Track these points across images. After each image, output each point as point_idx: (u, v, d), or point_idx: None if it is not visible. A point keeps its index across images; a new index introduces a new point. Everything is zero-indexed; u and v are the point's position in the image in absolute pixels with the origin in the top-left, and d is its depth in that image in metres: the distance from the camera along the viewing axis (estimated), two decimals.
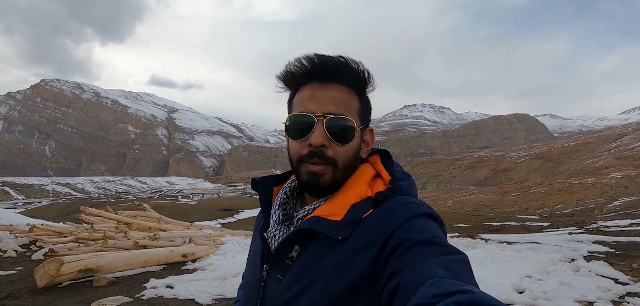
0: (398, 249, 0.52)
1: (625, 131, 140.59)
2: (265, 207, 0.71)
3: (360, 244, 0.56)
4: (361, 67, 0.65)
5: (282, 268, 0.61)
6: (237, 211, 36.34)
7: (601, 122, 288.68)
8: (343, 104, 0.64)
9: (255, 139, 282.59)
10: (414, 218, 0.56)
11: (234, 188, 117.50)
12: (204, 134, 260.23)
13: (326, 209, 0.61)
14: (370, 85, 0.68)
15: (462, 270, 0.48)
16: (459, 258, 0.50)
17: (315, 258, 0.58)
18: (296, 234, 0.61)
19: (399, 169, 0.67)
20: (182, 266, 5.80)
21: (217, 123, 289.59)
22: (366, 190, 0.62)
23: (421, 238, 0.53)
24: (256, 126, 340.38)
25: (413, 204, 0.59)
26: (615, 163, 74.57)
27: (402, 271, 0.49)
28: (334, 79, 0.64)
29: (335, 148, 0.63)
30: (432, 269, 0.47)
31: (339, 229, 0.57)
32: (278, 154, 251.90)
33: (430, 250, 0.51)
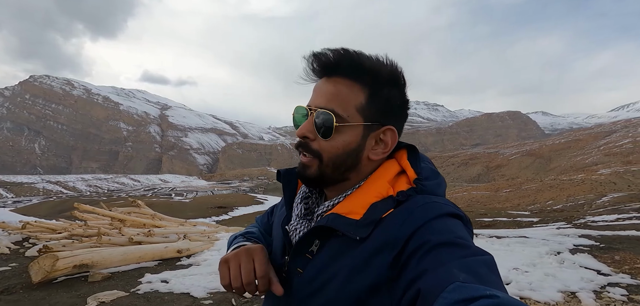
0: (418, 252, 0.50)
1: (614, 129, 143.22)
2: (289, 199, 0.70)
3: (379, 246, 0.54)
4: (368, 62, 0.60)
5: (303, 262, 0.61)
6: (232, 208, 36.30)
7: (591, 120, 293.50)
8: (337, 98, 0.60)
9: (249, 137, 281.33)
10: (436, 218, 0.54)
11: (229, 185, 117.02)
12: (198, 132, 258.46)
13: (346, 207, 0.59)
14: (390, 79, 0.61)
15: (486, 273, 0.46)
16: (483, 260, 0.48)
17: (334, 255, 0.58)
18: (315, 230, 0.60)
19: (426, 167, 0.64)
20: (177, 261, 5.85)
21: (211, 120, 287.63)
22: (388, 188, 0.59)
23: (442, 239, 0.50)
24: (250, 123, 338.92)
25: (435, 204, 0.56)
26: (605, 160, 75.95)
27: (422, 275, 0.47)
28: (336, 73, 0.61)
29: (320, 142, 0.61)
30: (453, 273, 0.45)
31: (357, 228, 0.56)
32: (273, 151, 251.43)
33: (452, 252, 0.49)
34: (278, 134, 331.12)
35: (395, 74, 0.62)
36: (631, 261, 4.77)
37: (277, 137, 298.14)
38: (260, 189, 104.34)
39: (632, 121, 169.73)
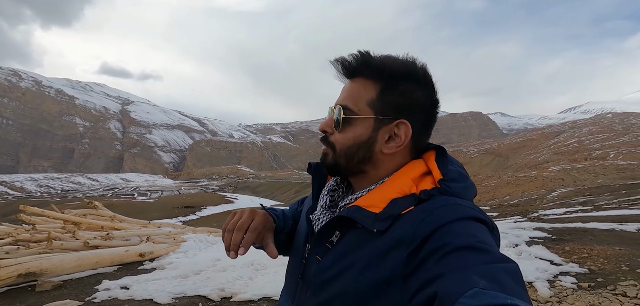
0: (436, 253, 0.49)
1: (562, 129, 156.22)
2: (316, 191, 0.74)
3: (396, 241, 0.54)
4: (377, 59, 0.63)
5: (322, 250, 0.63)
6: (200, 208, 35.11)
7: (543, 121, 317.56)
8: (351, 94, 0.64)
9: (218, 134, 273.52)
10: (457, 221, 0.52)
11: (196, 184, 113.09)
12: (163, 128, 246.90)
13: (367, 200, 0.61)
14: (405, 75, 0.63)
15: (508, 281, 0.44)
16: (506, 267, 0.46)
17: (351, 247, 0.59)
18: (336, 221, 0.62)
19: (454, 169, 0.63)
20: (139, 266, 5.51)
21: (178, 117, 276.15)
22: (411, 186, 0.60)
23: (462, 243, 0.49)
24: (220, 120, 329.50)
25: (458, 206, 0.55)
26: (554, 158, 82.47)
27: (439, 278, 0.46)
28: (355, 74, 0.65)
29: (335, 135, 0.66)
30: (472, 279, 0.43)
31: (375, 221, 0.57)
32: (243, 149, 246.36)
33: (473, 257, 0.47)
34: (249, 131, 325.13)
35: (412, 70, 0.63)
36: (579, 251, 5.20)
37: (248, 135, 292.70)
38: (230, 188, 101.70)
39: (577, 122, 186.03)
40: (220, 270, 5.05)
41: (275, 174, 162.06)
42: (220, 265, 5.32)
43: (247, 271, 4.92)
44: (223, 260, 5.66)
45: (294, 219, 0.85)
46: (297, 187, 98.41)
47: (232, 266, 5.24)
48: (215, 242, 7.36)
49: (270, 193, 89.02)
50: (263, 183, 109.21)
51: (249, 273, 4.84)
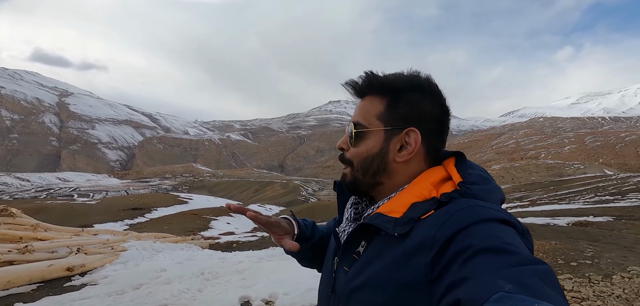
0: (460, 256, 0.48)
1: (503, 131, 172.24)
2: (341, 206, 0.76)
3: (417, 245, 0.54)
4: (381, 77, 0.67)
5: (349, 261, 0.64)
6: (150, 209, 32.62)
7: (487, 123, 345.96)
8: (362, 111, 0.68)
9: (172, 131, 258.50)
10: (481, 222, 0.51)
11: (147, 184, 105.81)
12: (109, 123, 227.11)
13: (388, 206, 0.62)
14: (409, 86, 0.67)
15: (537, 284, 0.41)
16: (536, 269, 0.43)
17: (376, 254, 0.60)
18: (360, 229, 0.63)
19: (475, 173, 0.64)
20: (66, 282, 4.80)
21: (126, 111, 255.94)
22: (430, 190, 0.60)
23: (486, 244, 0.47)
24: (174, 115, 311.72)
25: (480, 208, 0.54)
26: (496, 157, 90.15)
27: (463, 282, 0.45)
28: (365, 93, 0.69)
29: (351, 150, 0.68)
30: (497, 283, 0.41)
31: (396, 225, 0.57)
32: (199, 147, 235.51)
33: (498, 259, 0.45)
34: (205, 128, 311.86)
35: (414, 82, 0.67)
36: None
37: (204, 132, 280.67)
38: (184, 187, 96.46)
39: (515, 125, 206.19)
40: (165, 282, 4.56)
41: (234, 172, 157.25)
42: (164, 277, 4.81)
43: (196, 283, 4.50)
44: (169, 271, 5.15)
45: (325, 233, 0.87)
46: (257, 186, 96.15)
47: (179, 277, 4.77)
48: (162, 250, 6.73)
49: (228, 192, 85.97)
50: (221, 182, 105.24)
51: (198, 285, 4.42)
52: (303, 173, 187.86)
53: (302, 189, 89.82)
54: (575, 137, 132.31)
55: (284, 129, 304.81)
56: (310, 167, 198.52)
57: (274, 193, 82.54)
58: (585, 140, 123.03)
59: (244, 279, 4.57)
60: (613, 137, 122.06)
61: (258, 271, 4.94)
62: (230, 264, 5.56)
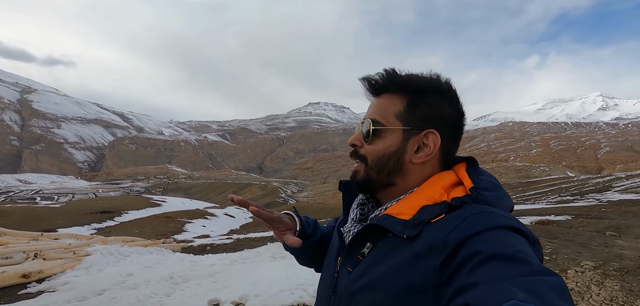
0: (470, 261, 0.47)
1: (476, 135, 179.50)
2: (347, 206, 0.75)
3: (426, 248, 0.53)
4: (404, 76, 0.66)
5: (354, 262, 0.63)
6: (120, 213, 31.27)
7: None
8: (379, 108, 0.67)
9: (145, 131, 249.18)
10: (494, 229, 0.50)
11: (118, 186, 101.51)
12: (76, 122, 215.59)
13: (397, 208, 0.61)
14: (430, 88, 0.66)
15: (551, 295, 0.40)
16: (549, 280, 0.42)
17: (382, 255, 0.59)
18: (367, 230, 0.63)
19: (486, 179, 0.63)
20: (20, 290, 4.49)
21: (95, 110, 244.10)
22: (441, 194, 0.60)
23: (499, 251, 0.46)
24: (147, 115, 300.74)
25: (493, 214, 0.53)
26: None
27: (473, 288, 0.44)
28: (382, 91, 0.68)
29: (365, 147, 0.67)
30: (510, 290, 0.40)
31: (405, 227, 0.57)
32: (175, 147, 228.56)
33: (510, 267, 0.44)
34: (181, 128, 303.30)
35: (436, 84, 0.66)
36: None
37: (180, 133, 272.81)
38: (158, 189, 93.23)
39: (487, 129, 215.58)
40: (130, 287, 4.37)
41: (211, 174, 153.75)
42: (130, 282, 4.62)
43: (164, 287, 4.35)
44: (136, 275, 4.94)
45: (326, 232, 0.87)
46: (234, 187, 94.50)
47: (146, 281, 4.59)
48: (129, 254, 6.45)
49: (204, 194, 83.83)
50: (197, 184, 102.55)
51: (166, 289, 4.27)
52: (282, 174, 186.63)
53: (281, 191, 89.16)
54: (541, 141, 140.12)
55: (263, 131, 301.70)
56: (289, 169, 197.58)
57: (252, 195, 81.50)
58: (550, 144, 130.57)
59: (215, 282, 4.47)
60: (575, 141, 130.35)
61: (230, 274, 4.85)
62: (201, 267, 5.42)
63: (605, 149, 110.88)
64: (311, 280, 3.92)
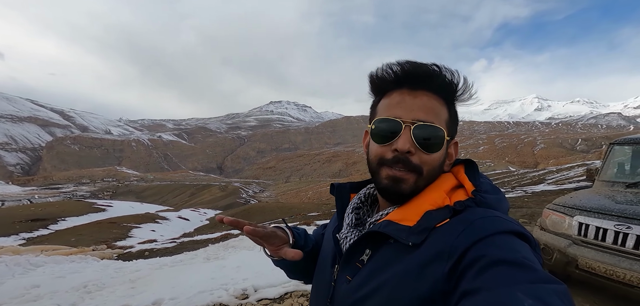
0: (475, 265, 0.46)
1: None
2: (340, 210, 0.72)
3: (433, 254, 0.51)
4: (456, 78, 0.61)
5: (352, 270, 0.61)
6: (55, 220, 28.26)
7: None
8: (433, 112, 0.60)
9: (90, 130, 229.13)
10: (499, 234, 0.50)
11: (58, 190, 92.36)
12: (6, 121, 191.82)
13: (399, 214, 0.59)
14: (465, 95, 0.63)
15: (557, 303, 0.40)
16: (555, 289, 0.42)
17: (384, 263, 0.56)
18: (367, 237, 0.60)
19: (486, 182, 0.61)
20: None
21: (29, 107, 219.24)
22: (444, 198, 0.58)
23: (505, 257, 0.46)
24: (92, 113, 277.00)
25: (499, 219, 0.53)
26: None
27: (478, 292, 0.43)
28: (424, 86, 0.61)
29: (421, 156, 0.60)
30: (517, 297, 0.40)
31: (410, 234, 0.54)
32: (125, 147, 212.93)
33: (517, 274, 0.43)
34: (132, 127, 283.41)
35: (466, 87, 0.63)
36: None
37: (131, 132, 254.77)
38: (106, 193, 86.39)
39: None
40: (31, 300, 3.87)
41: (166, 176, 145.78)
42: (34, 294, 4.10)
43: (72, 297, 3.91)
44: (43, 287, 4.40)
45: (315, 242, 0.82)
46: (193, 189, 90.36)
47: (52, 293, 4.11)
48: (43, 264, 5.77)
49: (159, 197, 79.16)
50: (150, 186, 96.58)
51: (73, 299, 3.85)
52: (243, 174, 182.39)
53: (242, 192, 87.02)
54: (488, 139, 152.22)
55: (223, 130, 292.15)
56: (250, 168, 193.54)
57: (212, 196, 78.52)
58: (495, 141, 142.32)
59: (134, 288, 4.12)
60: (515, 139, 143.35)
61: (154, 279, 4.51)
62: (125, 273, 5.00)
63: (541, 145, 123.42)
64: (235, 279, 3.76)
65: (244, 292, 3.40)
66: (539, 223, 3.35)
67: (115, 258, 7.89)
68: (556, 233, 3.05)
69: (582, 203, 3.03)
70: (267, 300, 3.22)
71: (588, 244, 2.77)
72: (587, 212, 2.88)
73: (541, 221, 3.30)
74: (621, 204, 2.84)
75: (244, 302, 3.20)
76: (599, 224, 2.73)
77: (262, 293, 3.34)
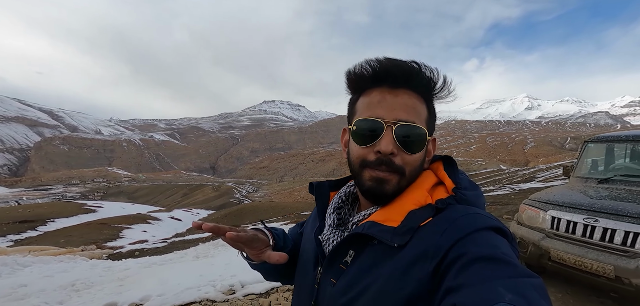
0: (457, 262, 0.47)
1: None
2: (321, 211, 0.70)
3: (418, 254, 0.52)
4: (435, 76, 0.60)
5: (336, 273, 0.60)
6: (44, 221, 27.81)
7: None
8: (414, 111, 0.59)
9: (80, 130, 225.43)
10: (480, 231, 0.51)
11: (47, 192, 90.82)
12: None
13: (382, 215, 0.58)
14: (443, 92, 0.61)
15: (536, 297, 0.41)
16: (532, 282, 0.43)
17: (369, 265, 0.56)
18: (351, 239, 0.59)
19: (464, 178, 0.62)
20: None
21: (16, 106, 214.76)
22: (426, 197, 0.58)
23: (486, 253, 0.47)
24: (82, 113, 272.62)
25: (479, 216, 0.54)
26: None
27: (461, 289, 0.44)
28: (404, 84, 0.59)
29: (403, 156, 0.59)
30: (498, 291, 0.41)
31: (395, 235, 0.54)
32: (116, 148, 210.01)
33: (497, 269, 0.45)
34: (124, 127, 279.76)
35: (445, 85, 0.61)
36: None
37: (123, 132, 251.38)
38: (97, 194, 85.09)
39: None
40: (18, 298, 3.88)
41: (159, 176, 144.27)
42: (21, 292, 4.11)
43: (59, 295, 3.94)
44: (30, 286, 4.41)
45: (294, 242, 0.80)
46: (185, 189, 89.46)
47: (40, 291, 4.12)
48: (30, 264, 5.74)
49: (151, 198, 78.19)
50: (142, 187, 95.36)
51: (61, 297, 3.87)
52: (237, 174, 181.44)
53: (236, 191, 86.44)
54: (479, 137, 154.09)
55: (216, 129, 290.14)
56: (244, 168, 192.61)
57: (205, 196, 77.82)
58: (487, 140, 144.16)
59: (121, 285, 4.15)
60: (506, 137, 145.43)
61: (142, 277, 4.54)
62: (114, 272, 5.01)
63: (531, 144, 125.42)
64: (223, 276, 3.82)
65: (231, 288, 3.47)
66: (516, 217, 3.48)
67: (104, 258, 7.87)
68: (531, 227, 3.18)
69: (555, 198, 3.17)
70: (254, 294, 3.30)
71: (560, 237, 2.90)
72: (560, 206, 3.02)
73: (518, 216, 3.43)
74: (591, 198, 2.98)
75: (231, 297, 3.27)
76: (570, 217, 2.86)
77: (249, 289, 3.42)
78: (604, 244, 2.61)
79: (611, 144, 3.82)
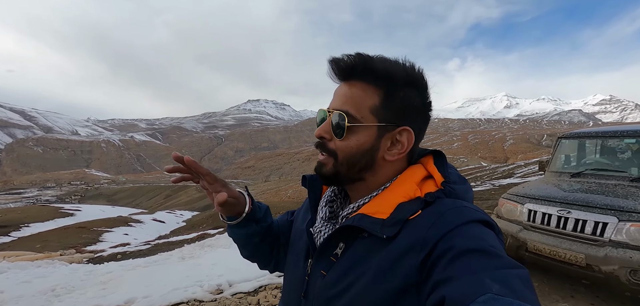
0: (446, 255, 0.48)
1: None
2: (314, 203, 0.71)
3: (407, 247, 0.53)
4: (381, 64, 0.60)
5: (327, 264, 0.61)
6: (18, 226, 26.54)
7: None
8: (351, 100, 0.60)
9: (55, 130, 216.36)
10: (467, 223, 0.52)
11: (21, 195, 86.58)
12: None
13: (372, 207, 0.59)
14: (406, 81, 0.61)
15: (521, 287, 0.43)
16: (518, 273, 0.45)
17: (359, 257, 0.57)
18: (341, 231, 0.60)
19: (453, 172, 0.63)
20: None
21: None
22: (415, 190, 0.59)
23: (473, 246, 0.48)
24: (57, 113, 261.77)
25: (466, 209, 0.55)
26: None
27: (449, 281, 0.45)
28: (352, 76, 0.61)
29: (335, 142, 0.62)
30: (485, 283, 0.42)
31: (384, 227, 0.55)
32: (94, 149, 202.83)
33: (484, 261, 0.46)
34: (102, 127, 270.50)
35: (412, 76, 0.61)
36: None
37: (101, 132, 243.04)
38: (74, 197, 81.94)
39: None
40: None
41: (140, 177, 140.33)
42: None
43: (39, 301, 3.81)
44: (6, 293, 4.23)
45: (277, 225, 0.82)
46: (168, 191, 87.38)
47: (17, 297, 3.97)
48: (5, 270, 5.50)
49: (132, 200, 75.93)
50: (122, 189, 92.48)
51: (41, 303, 3.75)
52: (222, 174, 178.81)
53: None
54: (461, 135, 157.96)
55: (200, 129, 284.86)
56: (229, 168, 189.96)
57: (189, 198, 76.32)
58: (468, 138, 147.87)
59: (105, 289, 4.06)
60: (487, 135, 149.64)
61: (126, 279, 4.45)
62: (96, 276, 4.88)
63: (510, 141, 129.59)
64: (210, 276, 3.80)
65: (219, 287, 3.45)
66: (496, 211, 3.63)
67: (85, 262, 7.62)
68: (510, 220, 3.32)
69: (532, 191, 3.33)
70: (242, 293, 3.30)
71: (536, 228, 3.05)
72: (536, 200, 3.17)
73: (497, 210, 3.58)
74: (564, 191, 3.15)
75: (219, 297, 3.26)
76: (545, 210, 3.01)
77: (236, 288, 3.41)
78: (576, 234, 2.77)
79: (583, 140, 4.04)
